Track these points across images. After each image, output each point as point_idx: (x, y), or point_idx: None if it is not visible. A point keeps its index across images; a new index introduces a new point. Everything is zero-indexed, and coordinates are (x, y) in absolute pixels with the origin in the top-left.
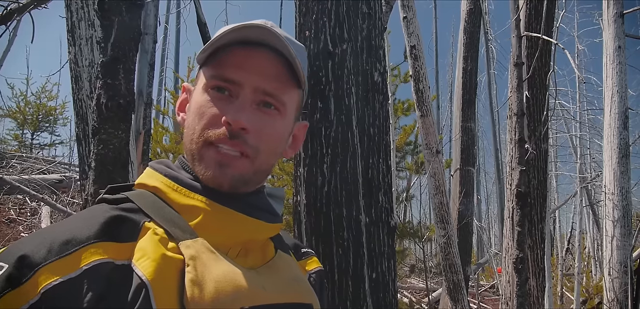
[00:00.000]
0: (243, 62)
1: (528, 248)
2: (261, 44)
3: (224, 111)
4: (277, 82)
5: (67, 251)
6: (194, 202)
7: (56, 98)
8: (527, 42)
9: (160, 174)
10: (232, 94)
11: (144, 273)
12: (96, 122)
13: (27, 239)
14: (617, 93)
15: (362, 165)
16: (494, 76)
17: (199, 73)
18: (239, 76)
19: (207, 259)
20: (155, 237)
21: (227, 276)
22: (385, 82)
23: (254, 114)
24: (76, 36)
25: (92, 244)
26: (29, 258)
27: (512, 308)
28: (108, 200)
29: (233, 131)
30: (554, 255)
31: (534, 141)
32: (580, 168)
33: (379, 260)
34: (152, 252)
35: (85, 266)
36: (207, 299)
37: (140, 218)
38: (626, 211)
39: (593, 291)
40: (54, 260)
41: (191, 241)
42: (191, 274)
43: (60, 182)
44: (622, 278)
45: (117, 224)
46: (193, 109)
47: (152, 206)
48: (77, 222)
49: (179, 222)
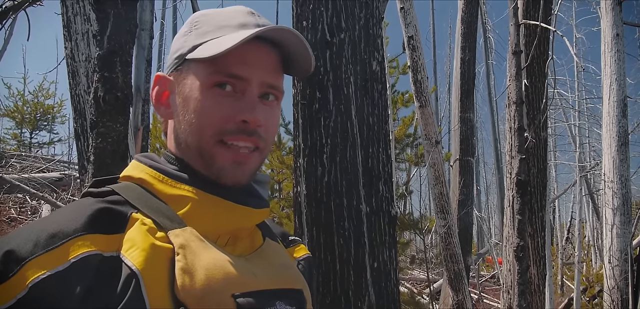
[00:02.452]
0: (247, 57)
1: (529, 236)
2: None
3: (236, 109)
4: (277, 74)
5: (54, 244)
6: (181, 192)
7: (54, 96)
8: (525, 30)
9: (145, 166)
10: (236, 89)
11: (133, 262)
12: (94, 116)
13: (12, 234)
14: (616, 81)
15: (362, 155)
16: (492, 66)
17: (185, 67)
18: (245, 72)
19: (196, 247)
20: (143, 227)
21: (217, 264)
22: (383, 71)
23: (262, 109)
24: (72, 31)
25: (79, 237)
26: (15, 252)
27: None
28: (93, 193)
29: (250, 129)
30: (554, 244)
31: (533, 130)
32: (580, 157)
33: (380, 249)
34: (141, 242)
35: (73, 258)
36: (198, 287)
37: (127, 209)
38: (626, 199)
39: (593, 279)
40: (40, 254)
41: (180, 230)
42: (181, 263)
43: (60, 180)
44: (622, 265)
45: (104, 216)
46: (193, 107)
47: (138, 197)
48: (64, 216)
49: (166, 212)
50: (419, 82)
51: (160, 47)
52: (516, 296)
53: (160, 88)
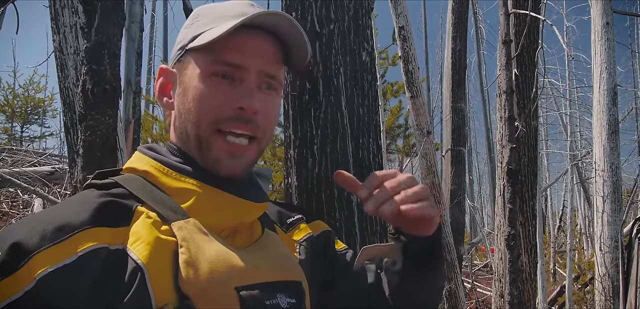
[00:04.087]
0: (245, 45)
1: (520, 225)
2: (257, 26)
3: (233, 97)
4: (276, 63)
5: (61, 237)
6: (185, 185)
7: (44, 90)
8: (515, 19)
9: (149, 158)
10: (235, 78)
11: (139, 256)
12: (82, 109)
13: (17, 226)
14: (606, 70)
15: (353, 145)
16: (484, 56)
17: (186, 58)
18: (242, 60)
19: (199, 239)
20: (148, 220)
21: (220, 257)
22: (373, 62)
23: (260, 97)
24: (60, 24)
25: (86, 230)
26: (22, 244)
27: (505, 284)
28: (96, 185)
29: (246, 116)
30: (546, 233)
31: (523, 118)
32: (571, 146)
33: (371, 239)
34: (146, 235)
35: (81, 252)
36: (202, 279)
37: (132, 203)
38: (616, 187)
39: (585, 267)
40: (48, 247)
41: (183, 221)
42: (185, 255)
43: (52, 174)
44: (613, 252)
45: (109, 209)
46: (192, 96)
47: (142, 190)
48: (69, 208)
49: (170, 204)
50: (410, 73)
51: (151, 39)
52: (508, 284)
53: (163, 80)
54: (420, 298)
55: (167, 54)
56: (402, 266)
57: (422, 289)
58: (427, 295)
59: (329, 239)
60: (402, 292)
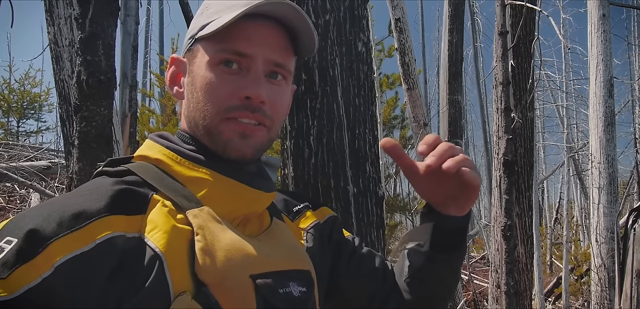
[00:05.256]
0: (251, 34)
1: (516, 216)
2: (264, 15)
3: (240, 86)
4: (284, 52)
5: (79, 225)
6: (198, 174)
7: (40, 84)
8: (511, 10)
9: (161, 146)
10: (242, 67)
11: (157, 245)
12: (77, 100)
13: (32, 212)
14: (602, 62)
15: (349, 136)
16: (481, 49)
17: (195, 47)
18: (249, 49)
19: (214, 227)
20: (164, 209)
21: (234, 245)
22: (369, 52)
23: (267, 86)
24: (54, 16)
25: (103, 218)
26: (39, 231)
27: (501, 275)
28: (109, 173)
29: (254, 105)
30: (543, 225)
31: (520, 110)
32: (567, 138)
33: (367, 230)
34: (163, 224)
35: (99, 239)
36: (219, 267)
37: (148, 191)
38: (612, 178)
39: (581, 258)
40: (65, 234)
41: (198, 210)
42: (201, 243)
43: (49, 169)
44: (608, 243)
45: (126, 197)
46: (200, 85)
47: (156, 178)
48: (84, 196)
49: (184, 193)
50: (406, 65)
51: (147, 33)
52: (504, 275)
53: (174, 69)
54: (440, 286)
55: (163, 48)
56: (429, 247)
57: (444, 275)
58: (446, 283)
59: (335, 223)
60: (424, 275)
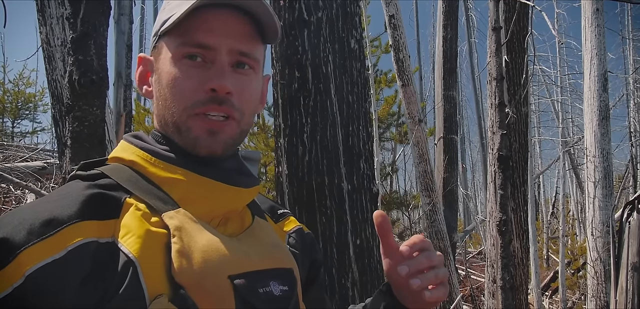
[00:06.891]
0: (213, 25)
1: (511, 211)
2: (224, 4)
3: (205, 79)
4: (249, 41)
5: (49, 232)
6: (173, 175)
7: (35, 84)
8: (504, 6)
9: (136, 147)
10: (206, 59)
11: (130, 250)
12: (70, 100)
13: (3, 220)
14: (596, 56)
15: (342, 133)
16: (475, 45)
17: (159, 44)
18: (212, 40)
19: (191, 229)
20: (138, 213)
21: (212, 245)
22: (362, 48)
23: (233, 77)
24: (46, 15)
25: (74, 224)
26: (9, 240)
27: (497, 270)
28: (82, 176)
29: (219, 97)
30: (539, 220)
31: (514, 105)
32: (563, 132)
33: (362, 226)
34: (136, 228)
35: (70, 246)
36: (195, 269)
37: (121, 194)
38: (607, 172)
39: (577, 252)
40: (36, 242)
41: (174, 212)
42: (178, 245)
43: (44, 169)
44: (604, 237)
45: (97, 201)
46: (165, 81)
47: (130, 180)
48: (55, 202)
49: (159, 195)
50: (401, 61)
51: (141, 32)
52: (500, 269)
53: (142, 68)
54: None
55: None
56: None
57: None
58: None
59: (314, 243)
60: None
